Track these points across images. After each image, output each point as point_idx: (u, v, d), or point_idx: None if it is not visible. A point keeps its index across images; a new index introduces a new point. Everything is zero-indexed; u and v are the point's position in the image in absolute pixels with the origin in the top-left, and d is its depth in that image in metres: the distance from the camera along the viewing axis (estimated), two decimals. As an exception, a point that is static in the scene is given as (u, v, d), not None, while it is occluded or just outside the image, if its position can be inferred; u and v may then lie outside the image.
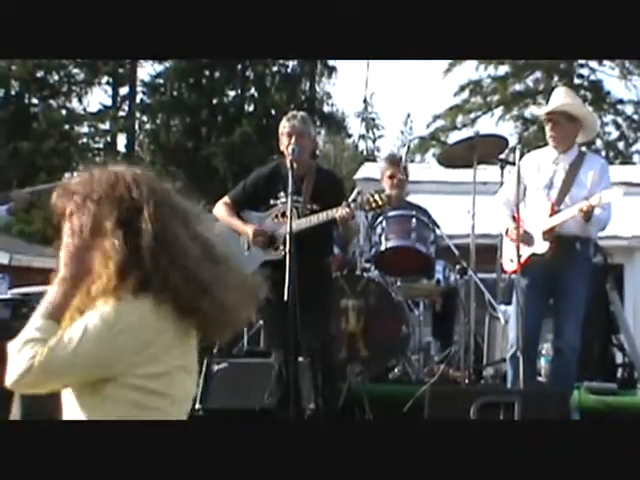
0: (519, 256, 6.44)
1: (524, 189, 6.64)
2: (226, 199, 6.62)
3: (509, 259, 6.70)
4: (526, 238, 6.50)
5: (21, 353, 2.60)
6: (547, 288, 6.49)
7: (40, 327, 2.64)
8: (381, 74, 64.27)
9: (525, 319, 6.38)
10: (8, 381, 2.63)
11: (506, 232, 6.63)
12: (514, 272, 6.71)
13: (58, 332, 2.65)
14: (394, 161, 7.91)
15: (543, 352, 7.30)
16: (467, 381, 7.07)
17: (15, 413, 5.48)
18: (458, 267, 7.57)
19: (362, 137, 39.60)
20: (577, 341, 6.44)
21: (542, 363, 7.33)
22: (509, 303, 6.95)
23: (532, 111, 31.24)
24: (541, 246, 6.47)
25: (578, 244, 6.47)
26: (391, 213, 7.31)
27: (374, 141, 39.89)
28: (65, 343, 2.61)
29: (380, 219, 7.39)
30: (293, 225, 6.04)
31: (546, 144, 6.70)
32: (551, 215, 6.44)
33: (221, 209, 6.58)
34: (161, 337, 2.66)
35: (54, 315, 2.67)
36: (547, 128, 6.61)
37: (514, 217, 6.60)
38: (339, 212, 6.15)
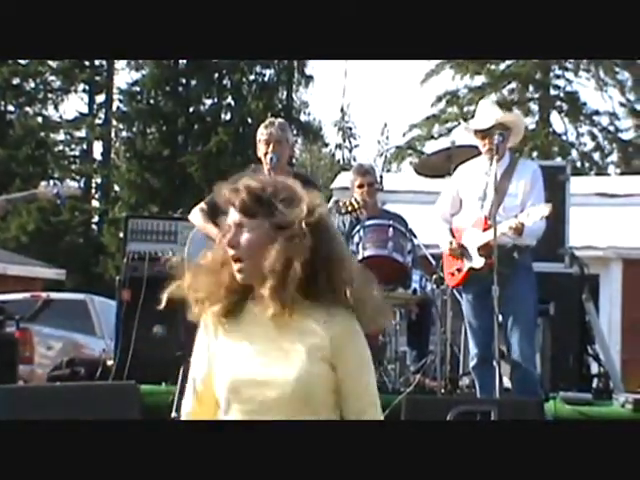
0: (459, 270, 6.49)
1: (460, 201, 6.65)
2: (202, 205, 6.61)
3: (449, 273, 6.72)
4: (464, 253, 6.51)
5: None
6: (492, 299, 6.32)
7: None
8: (358, 83, 64.42)
9: (480, 331, 6.44)
10: None
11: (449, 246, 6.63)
12: (456, 285, 6.74)
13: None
14: (362, 171, 7.92)
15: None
16: (443, 390, 7.06)
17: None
18: (435, 277, 7.56)
19: (339, 146, 39.63)
20: (529, 350, 6.43)
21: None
22: None
23: (463, 129, 31.26)
24: (478, 261, 6.45)
25: (516, 253, 6.44)
26: (368, 222, 7.31)
27: (351, 150, 39.87)
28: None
29: (357, 228, 7.38)
30: (270, 232, 6.01)
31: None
32: (485, 229, 6.40)
33: (197, 215, 6.57)
34: None
35: None
36: (481, 142, 6.56)
37: (452, 230, 6.63)
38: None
